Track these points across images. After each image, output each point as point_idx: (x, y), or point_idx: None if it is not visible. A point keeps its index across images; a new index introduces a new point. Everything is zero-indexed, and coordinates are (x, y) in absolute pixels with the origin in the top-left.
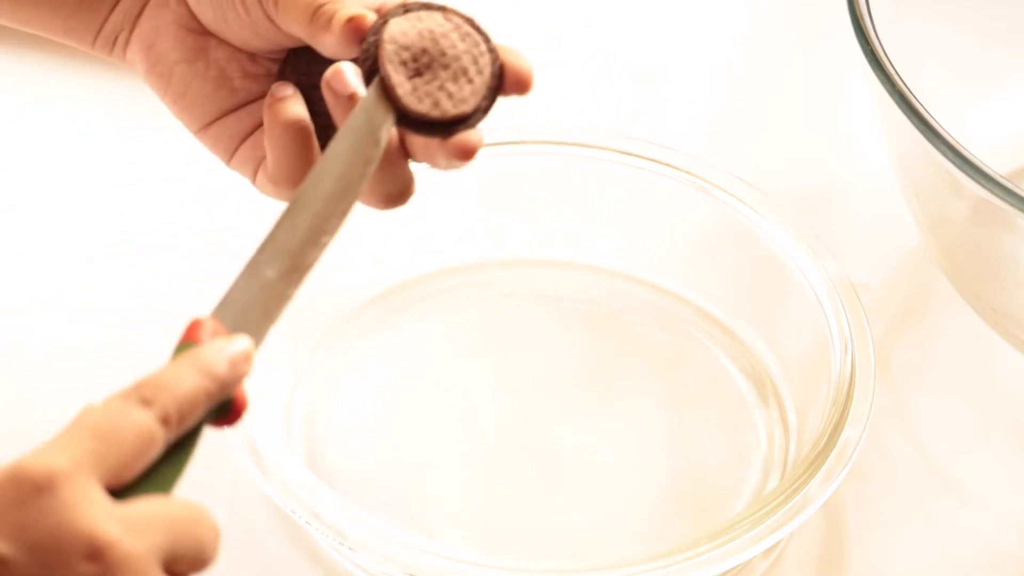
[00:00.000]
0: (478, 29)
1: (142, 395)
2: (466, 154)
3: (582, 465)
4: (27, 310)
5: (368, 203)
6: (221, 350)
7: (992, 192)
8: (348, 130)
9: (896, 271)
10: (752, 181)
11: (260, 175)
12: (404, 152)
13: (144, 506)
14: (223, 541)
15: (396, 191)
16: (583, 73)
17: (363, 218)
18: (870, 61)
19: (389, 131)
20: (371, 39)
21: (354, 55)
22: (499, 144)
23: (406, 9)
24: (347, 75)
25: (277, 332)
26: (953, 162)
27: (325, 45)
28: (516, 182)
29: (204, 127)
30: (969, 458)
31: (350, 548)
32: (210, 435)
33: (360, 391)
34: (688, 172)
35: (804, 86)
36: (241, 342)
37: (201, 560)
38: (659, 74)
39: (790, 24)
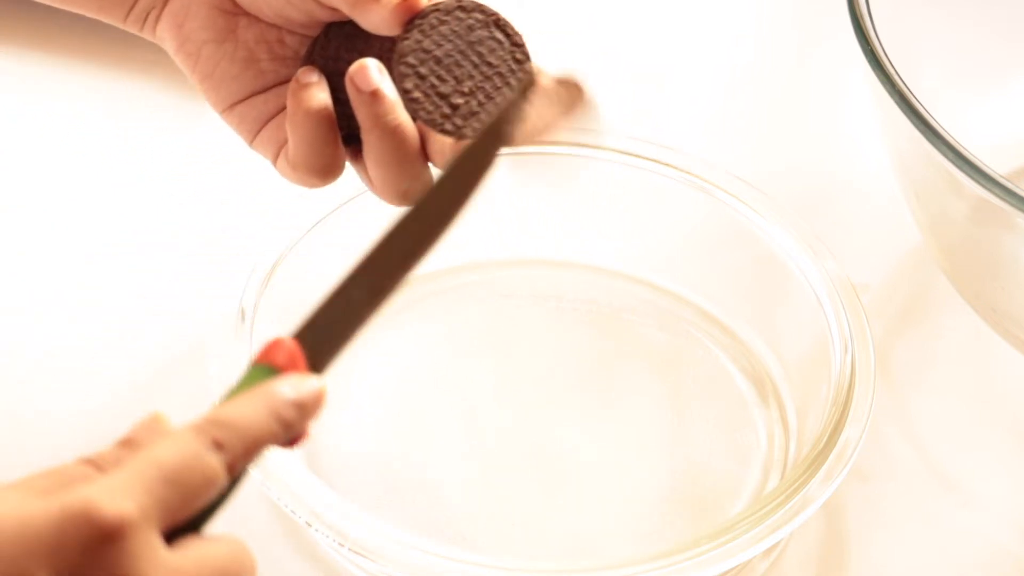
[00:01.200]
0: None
1: (215, 437)
2: None
3: (582, 465)
4: (27, 310)
5: (383, 197)
6: (294, 390)
7: (992, 192)
8: (459, 160)
9: (896, 271)
10: (752, 181)
11: (281, 158)
12: (425, 153)
13: (195, 553)
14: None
15: (413, 188)
16: (583, 73)
17: (363, 218)
18: (870, 61)
19: (495, 167)
20: (416, 36)
21: (394, 34)
22: None
23: (460, 6)
24: (371, 72)
25: (276, 332)
26: (953, 162)
27: (370, 19)
28: (516, 182)
29: (230, 107)
30: (969, 458)
31: (350, 548)
32: None
33: (360, 391)
34: (688, 172)
35: (804, 86)
36: (314, 384)
37: None
38: (659, 74)
39: (790, 24)
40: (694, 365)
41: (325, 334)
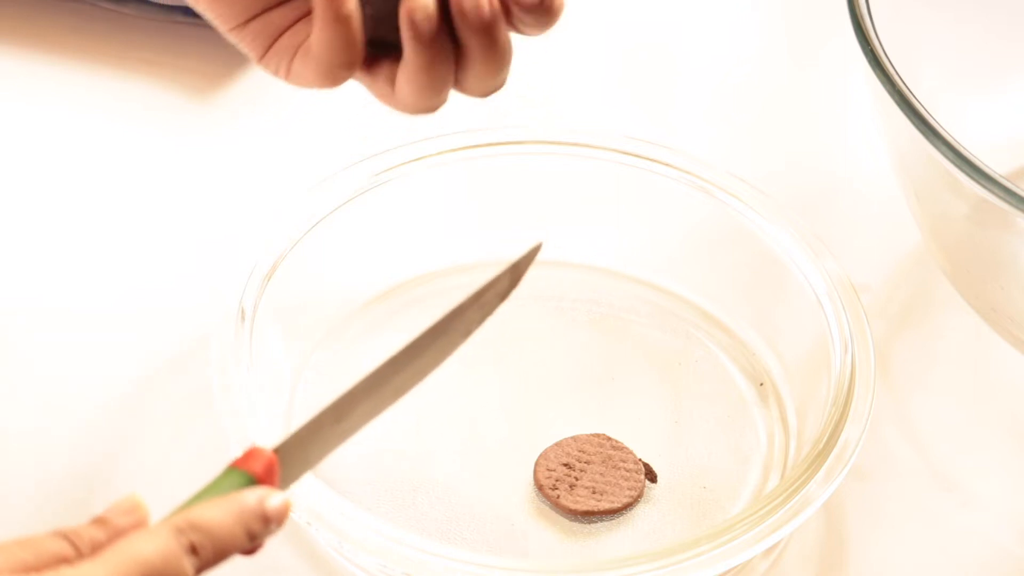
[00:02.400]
0: None
1: (192, 541)
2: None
3: None
4: (26, 310)
5: (404, 109)
6: (262, 504)
7: (992, 192)
8: (446, 329)
9: (896, 271)
10: (752, 181)
11: (297, 62)
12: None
13: None
14: None
15: (437, 105)
16: (583, 73)
17: (363, 218)
18: (870, 61)
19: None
20: None
21: None
22: (499, 144)
23: None
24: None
25: (277, 332)
26: (953, 162)
27: None
28: (516, 182)
29: (243, 23)
30: (969, 458)
31: (350, 548)
32: (209, 435)
33: None
34: (688, 172)
35: (804, 86)
36: (280, 499)
37: None
38: (659, 74)
39: (790, 24)
40: (694, 365)
41: (303, 451)
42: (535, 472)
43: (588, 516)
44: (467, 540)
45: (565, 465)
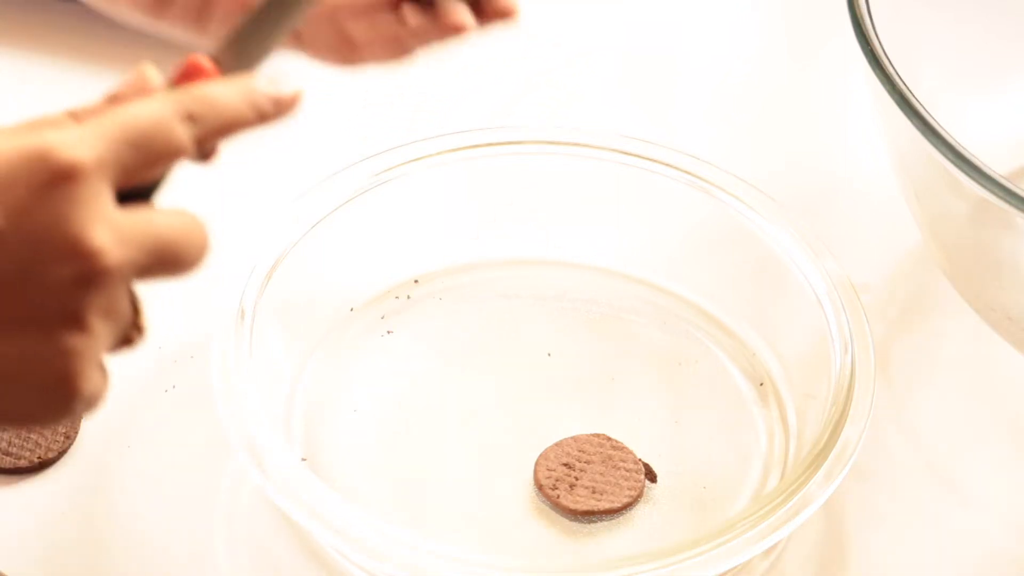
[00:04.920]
0: None
1: (190, 109)
2: (457, 29)
3: None
4: None
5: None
6: (272, 86)
7: (992, 192)
8: None
9: (896, 271)
10: (752, 181)
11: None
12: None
13: (144, 217)
14: (206, 259)
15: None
16: (583, 73)
17: (363, 218)
18: (870, 62)
19: None
20: None
21: None
22: (499, 144)
23: None
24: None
25: (277, 332)
26: (953, 162)
27: None
28: (516, 182)
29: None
30: (969, 458)
31: (350, 548)
32: (208, 435)
33: (360, 391)
34: (688, 172)
35: (804, 86)
36: (291, 86)
37: (175, 272)
38: (659, 74)
39: (790, 24)
40: (694, 365)
41: (244, 48)
42: (535, 472)
43: (588, 516)
44: (467, 540)
45: (565, 465)
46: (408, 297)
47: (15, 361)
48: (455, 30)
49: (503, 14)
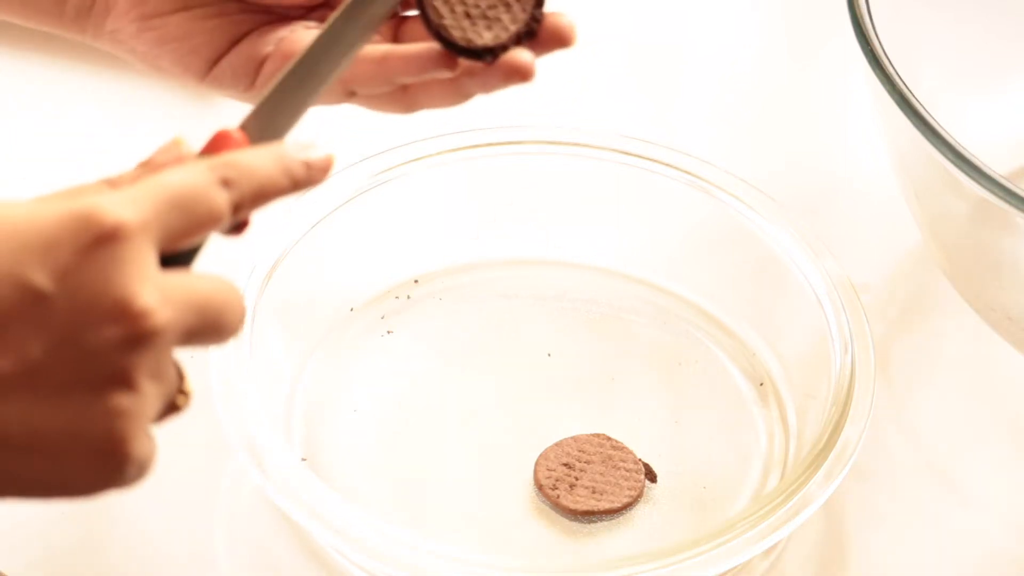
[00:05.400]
0: None
1: (227, 175)
2: (521, 74)
3: None
4: None
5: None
6: (304, 152)
7: (992, 192)
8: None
9: (896, 271)
10: (752, 181)
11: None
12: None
13: (186, 280)
14: (242, 326)
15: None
16: (583, 73)
17: (363, 218)
18: (870, 61)
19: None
20: None
21: None
22: (499, 144)
23: None
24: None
25: (277, 332)
26: (953, 162)
27: None
28: (516, 182)
29: (215, 64)
30: (969, 458)
31: (350, 548)
32: (208, 435)
33: (360, 391)
34: (688, 172)
35: (805, 86)
36: (323, 150)
37: (216, 339)
38: (659, 74)
39: (790, 25)
40: (694, 365)
41: (272, 121)
42: (535, 472)
43: (588, 516)
44: (467, 540)
45: (565, 465)
46: (408, 297)
47: (65, 428)
48: (518, 74)
49: (561, 38)
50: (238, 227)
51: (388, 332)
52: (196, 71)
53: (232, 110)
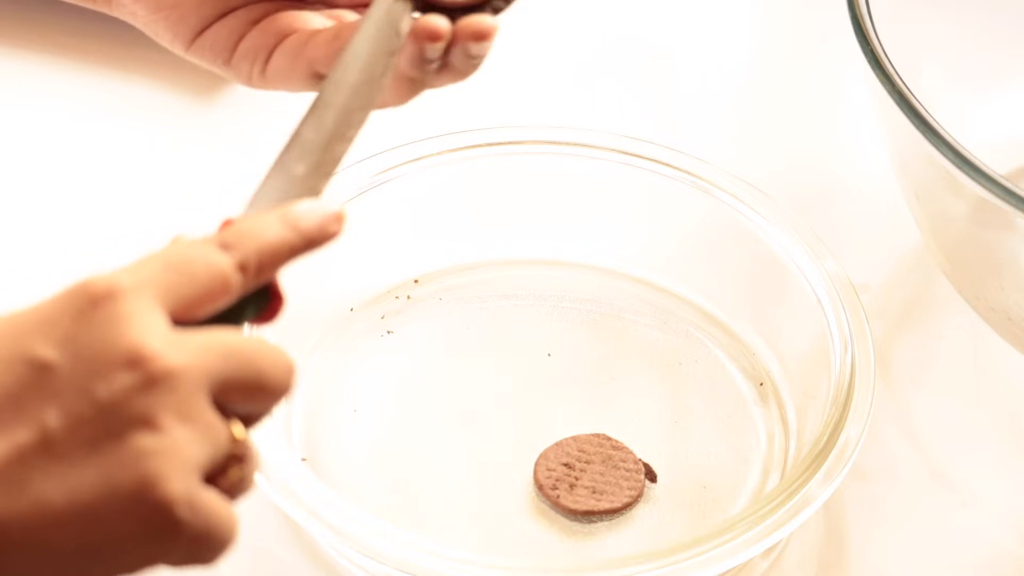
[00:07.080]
0: None
1: (223, 240)
2: (479, 35)
3: None
4: None
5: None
6: (312, 209)
7: (992, 192)
8: (369, 22)
9: (896, 271)
10: (752, 181)
11: (277, 62)
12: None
13: (205, 333)
14: (294, 382)
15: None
16: (584, 73)
17: (363, 218)
18: (870, 61)
19: (410, 22)
20: None
21: None
22: (499, 144)
23: None
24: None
25: (276, 332)
26: (953, 162)
27: None
28: (516, 182)
29: (198, 35)
30: (969, 458)
31: (350, 548)
32: None
33: (359, 391)
34: (688, 172)
35: (804, 86)
36: (333, 207)
37: (262, 391)
38: (659, 74)
39: (790, 24)
40: (694, 365)
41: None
42: (535, 472)
43: (588, 516)
44: (467, 540)
45: (565, 465)
46: (408, 297)
47: (100, 483)
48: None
49: (477, 34)
50: (268, 309)
51: (388, 332)
52: (183, 39)
53: (232, 110)
